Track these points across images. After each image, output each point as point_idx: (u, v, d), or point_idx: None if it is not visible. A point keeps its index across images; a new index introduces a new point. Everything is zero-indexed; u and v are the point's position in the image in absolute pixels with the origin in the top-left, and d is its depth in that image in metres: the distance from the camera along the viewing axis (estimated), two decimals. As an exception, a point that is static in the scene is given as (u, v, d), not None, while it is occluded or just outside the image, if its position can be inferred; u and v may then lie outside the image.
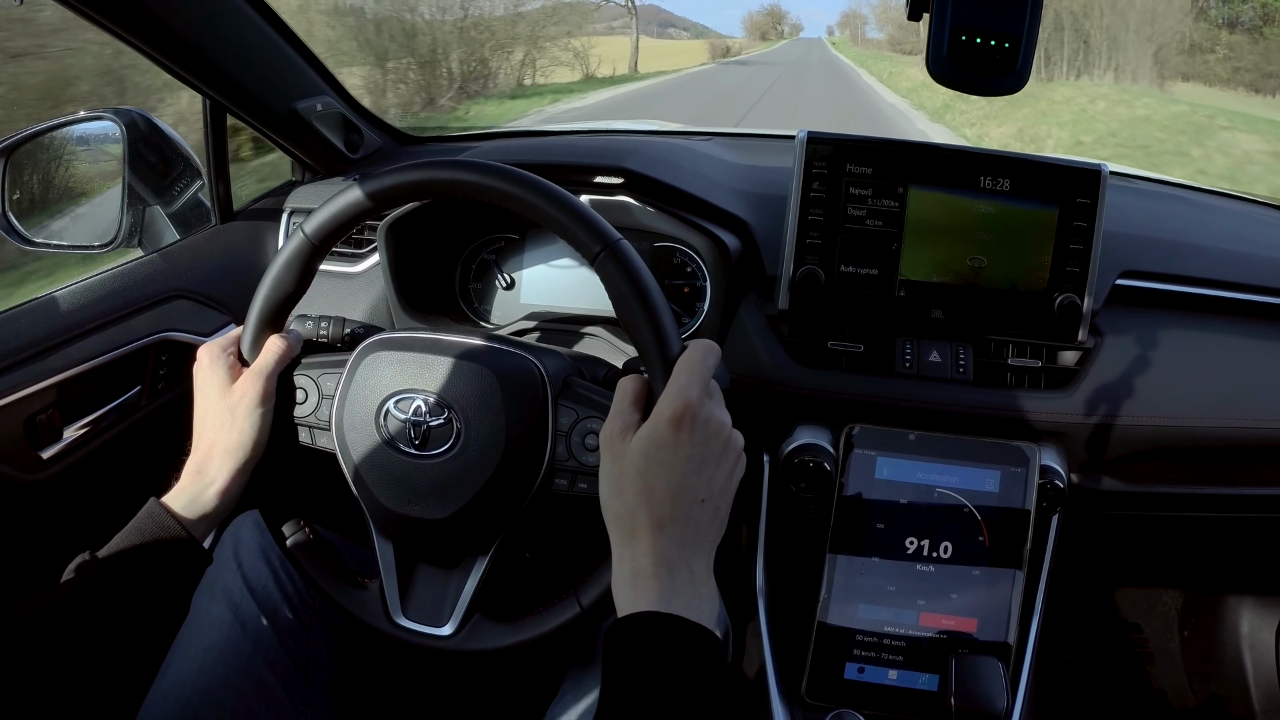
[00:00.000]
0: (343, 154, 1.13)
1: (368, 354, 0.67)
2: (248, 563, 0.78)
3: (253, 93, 0.98)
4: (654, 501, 0.51)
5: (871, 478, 0.85)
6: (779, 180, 0.93)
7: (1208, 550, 1.25)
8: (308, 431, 0.69)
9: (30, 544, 0.82)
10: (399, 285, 0.98)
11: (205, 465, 0.63)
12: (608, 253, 0.58)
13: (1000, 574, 0.84)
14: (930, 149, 0.88)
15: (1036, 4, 0.54)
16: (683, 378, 0.54)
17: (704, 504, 0.52)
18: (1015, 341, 0.90)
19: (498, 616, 0.66)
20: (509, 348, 0.66)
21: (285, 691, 0.74)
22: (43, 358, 0.83)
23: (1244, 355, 0.92)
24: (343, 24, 12.00)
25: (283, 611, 0.77)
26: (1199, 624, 1.40)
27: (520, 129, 1.58)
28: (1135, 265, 0.93)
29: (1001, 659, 0.79)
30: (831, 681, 0.84)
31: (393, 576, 0.67)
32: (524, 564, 0.96)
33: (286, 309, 0.67)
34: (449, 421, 0.64)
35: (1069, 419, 0.88)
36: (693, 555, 0.52)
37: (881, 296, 0.88)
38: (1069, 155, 2.11)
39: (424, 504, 0.64)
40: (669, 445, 0.52)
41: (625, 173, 0.95)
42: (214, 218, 1.10)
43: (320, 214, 0.64)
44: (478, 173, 0.60)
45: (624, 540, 0.52)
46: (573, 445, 0.64)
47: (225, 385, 0.65)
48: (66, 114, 1.02)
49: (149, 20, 0.80)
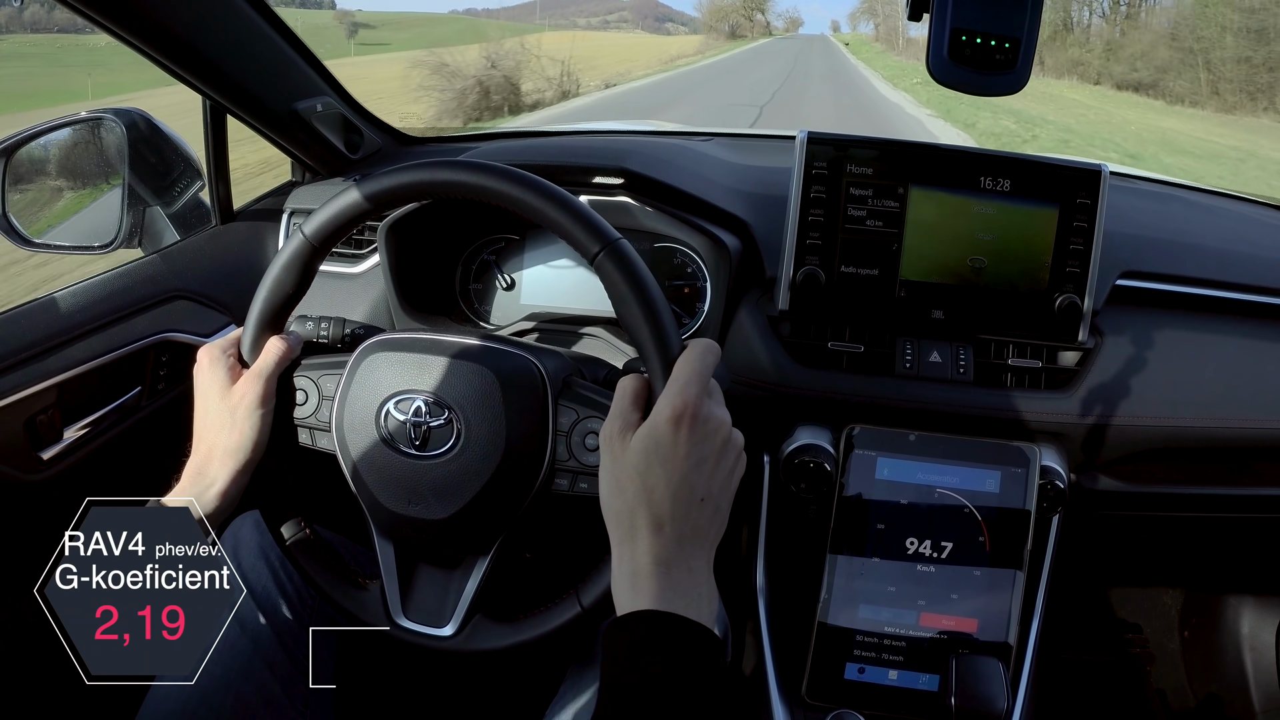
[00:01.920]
0: (343, 154, 1.13)
1: (367, 355, 0.67)
2: (247, 563, 0.78)
3: (253, 93, 0.98)
4: (654, 500, 0.51)
5: (872, 478, 0.85)
6: (779, 181, 0.93)
7: (1208, 550, 1.25)
8: (308, 433, 0.69)
9: (30, 544, 0.82)
10: (399, 286, 0.98)
11: (205, 467, 0.63)
12: (607, 252, 0.58)
13: (1000, 574, 0.84)
14: (930, 149, 0.88)
15: (1036, 4, 0.54)
16: (682, 377, 0.54)
17: (704, 503, 0.52)
18: (1015, 342, 0.90)
19: (499, 616, 0.66)
20: (508, 348, 0.66)
21: (284, 692, 0.74)
22: (43, 358, 0.83)
23: (1244, 355, 0.92)
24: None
25: (282, 612, 0.77)
26: (1199, 624, 1.40)
27: (520, 129, 1.59)
28: (1135, 265, 0.93)
29: (1002, 659, 0.79)
30: (832, 682, 0.84)
31: (393, 577, 0.67)
32: (525, 564, 0.96)
33: (286, 310, 0.67)
34: (449, 422, 0.64)
35: (1069, 419, 0.88)
36: (692, 554, 0.52)
37: (882, 297, 0.88)
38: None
39: (424, 504, 0.64)
40: (669, 444, 0.52)
41: (625, 173, 0.95)
42: (214, 218, 1.10)
43: (319, 215, 0.64)
44: (476, 173, 0.60)
45: (623, 539, 0.52)
46: (573, 445, 0.64)
47: (225, 387, 0.65)
48: (66, 114, 1.02)
49: (149, 20, 0.80)
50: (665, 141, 1.18)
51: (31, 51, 11.00)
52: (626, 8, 53.29)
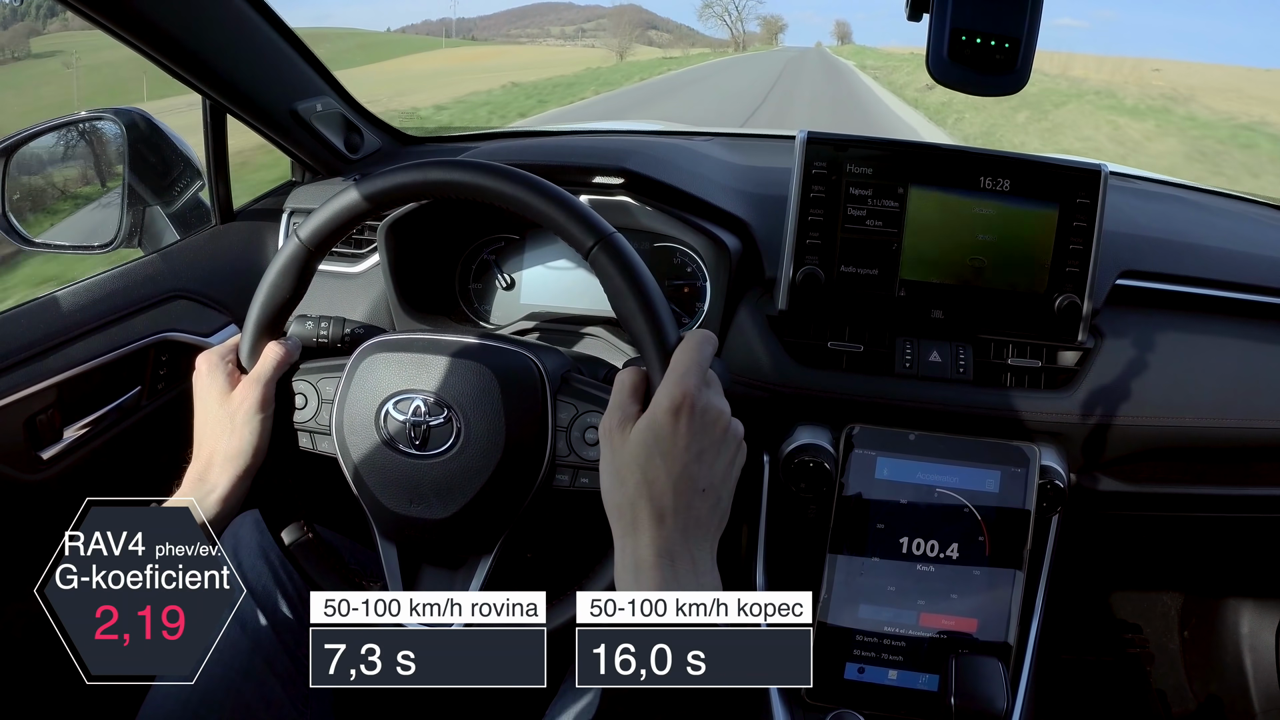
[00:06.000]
0: (343, 154, 1.13)
1: (365, 356, 0.67)
2: (247, 562, 0.78)
3: (253, 93, 0.98)
4: (655, 492, 0.51)
5: (871, 478, 0.85)
6: (779, 180, 0.93)
7: (1208, 551, 1.25)
8: (308, 436, 0.69)
9: (30, 544, 0.82)
10: (399, 285, 0.98)
11: (206, 472, 0.64)
12: (601, 246, 0.58)
13: (1000, 574, 0.84)
14: (930, 149, 0.88)
15: (1036, 4, 0.54)
16: (680, 367, 0.54)
17: (705, 494, 0.52)
18: (1015, 341, 0.90)
19: None
20: (506, 345, 0.66)
21: (285, 691, 0.74)
22: (43, 358, 0.83)
23: (1244, 355, 0.92)
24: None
25: (282, 611, 0.77)
26: (1199, 624, 1.40)
27: (520, 129, 1.59)
28: (1135, 265, 0.93)
29: (1001, 659, 0.79)
30: (832, 681, 0.84)
31: (397, 580, 0.67)
32: (527, 563, 0.96)
33: (284, 315, 0.67)
34: (449, 421, 0.64)
35: (1069, 419, 0.88)
36: (695, 545, 0.52)
37: (881, 297, 0.88)
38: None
39: (426, 504, 0.64)
40: (668, 435, 0.52)
41: (625, 173, 0.95)
42: (214, 218, 1.09)
43: (315, 219, 0.64)
44: (470, 172, 0.61)
45: (625, 531, 0.52)
46: (573, 440, 0.64)
47: (224, 392, 0.65)
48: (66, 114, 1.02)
49: (149, 20, 0.80)
50: (665, 141, 1.18)
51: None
52: (606, 15, 52.06)
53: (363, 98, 1.17)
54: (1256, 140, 9.97)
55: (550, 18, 57.70)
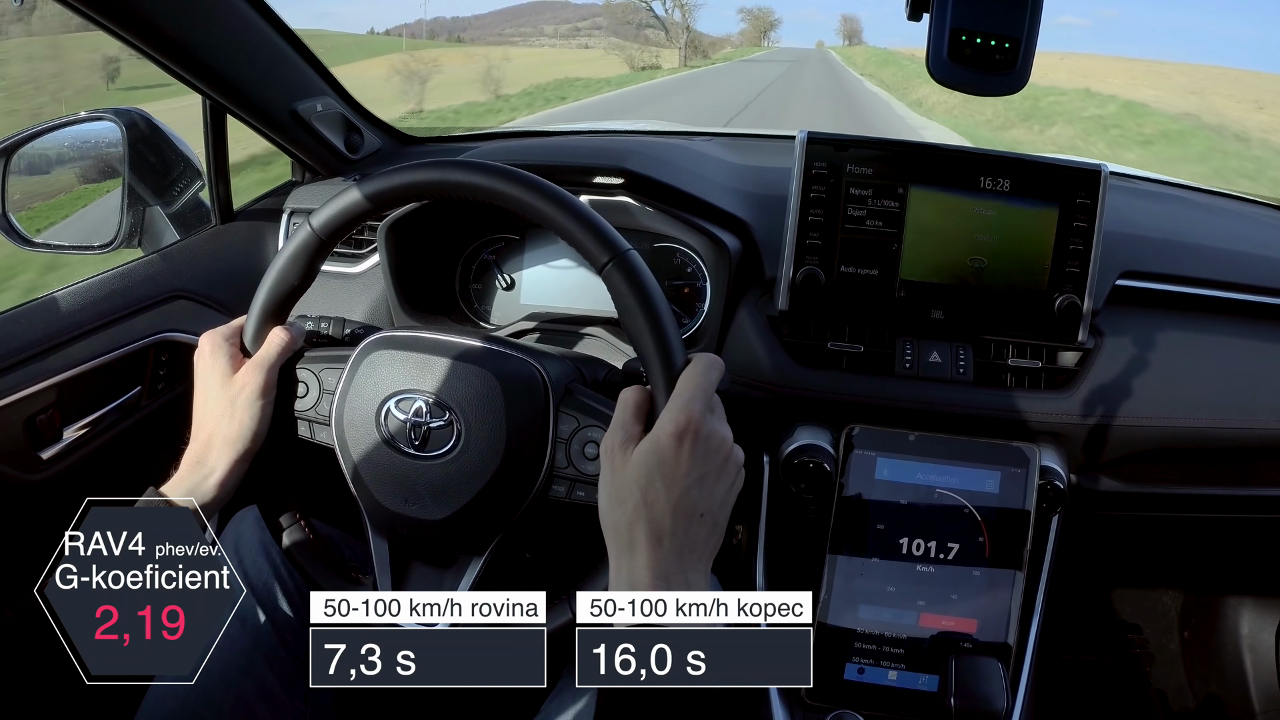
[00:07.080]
0: (343, 154, 1.13)
1: (370, 352, 0.67)
2: (249, 560, 0.78)
3: (253, 93, 0.98)
4: (654, 515, 0.52)
5: (871, 478, 0.85)
6: (779, 181, 0.93)
7: (1207, 551, 1.25)
8: (307, 425, 0.69)
9: (30, 544, 0.82)
10: (399, 285, 0.98)
11: (204, 455, 0.63)
12: (616, 263, 0.58)
13: (1000, 575, 0.84)
14: (930, 149, 0.88)
15: (1036, 4, 0.54)
16: (686, 392, 0.54)
17: (703, 519, 0.53)
18: (1015, 342, 0.90)
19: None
20: (512, 351, 0.66)
21: (285, 689, 0.74)
22: (43, 358, 0.83)
23: (1244, 356, 0.92)
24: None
25: (283, 609, 0.77)
26: (1199, 624, 1.40)
27: (521, 129, 1.59)
28: (1135, 265, 0.93)
29: (1001, 659, 0.79)
30: (831, 682, 0.84)
31: (386, 573, 0.68)
32: (521, 565, 0.96)
33: (290, 302, 0.67)
34: (449, 423, 0.64)
35: (1069, 419, 0.88)
36: (690, 568, 0.52)
37: (882, 297, 0.88)
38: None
39: (422, 504, 0.64)
40: (671, 459, 0.52)
41: (625, 173, 0.95)
42: (214, 218, 1.10)
43: (328, 209, 0.64)
44: (489, 175, 0.60)
45: (622, 551, 0.53)
46: (572, 453, 0.64)
47: (227, 375, 0.65)
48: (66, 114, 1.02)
49: (149, 21, 0.80)
50: (665, 141, 1.18)
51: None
52: (600, 13, 51.04)
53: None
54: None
55: (546, 16, 57.06)
